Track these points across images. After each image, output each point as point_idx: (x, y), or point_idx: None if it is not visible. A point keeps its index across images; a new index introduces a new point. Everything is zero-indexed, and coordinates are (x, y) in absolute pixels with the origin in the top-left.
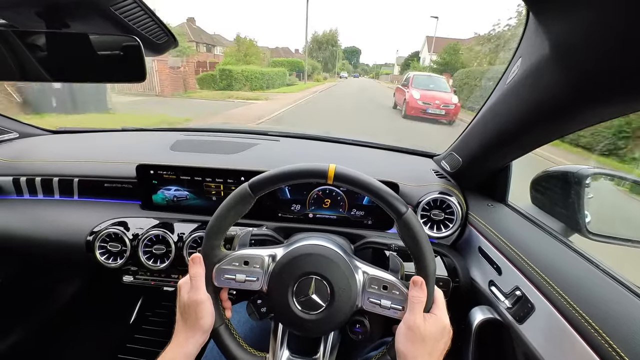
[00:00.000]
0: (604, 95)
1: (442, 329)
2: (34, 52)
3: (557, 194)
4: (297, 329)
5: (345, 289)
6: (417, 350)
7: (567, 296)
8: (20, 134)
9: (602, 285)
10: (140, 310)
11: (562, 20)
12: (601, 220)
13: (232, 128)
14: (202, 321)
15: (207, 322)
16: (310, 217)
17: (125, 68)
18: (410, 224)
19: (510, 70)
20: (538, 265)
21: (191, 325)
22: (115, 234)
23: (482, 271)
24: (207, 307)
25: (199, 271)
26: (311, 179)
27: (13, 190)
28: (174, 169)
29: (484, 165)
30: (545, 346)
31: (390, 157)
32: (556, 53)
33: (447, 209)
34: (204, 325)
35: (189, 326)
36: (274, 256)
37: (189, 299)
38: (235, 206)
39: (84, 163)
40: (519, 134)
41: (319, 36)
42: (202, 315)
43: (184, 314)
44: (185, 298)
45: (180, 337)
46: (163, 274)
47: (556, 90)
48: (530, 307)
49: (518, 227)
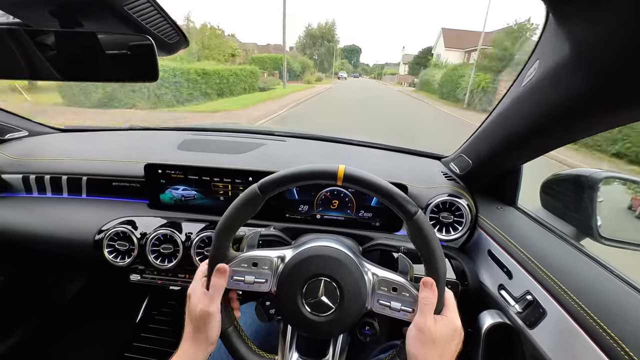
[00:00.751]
0: (625, 97)
1: (454, 331)
2: (46, 51)
3: (569, 198)
4: (307, 331)
5: (354, 291)
6: (428, 353)
7: (580, 301)
8: (30, 132)
9: (616, 290)
10: (146, 309)
11: (584, 20)
12: (613, 225)
13: (238, 128)
14: (212, 332)
15: (215, 333)
16: (317, 218)
17: (137, 67)
18: (421, 225)
19: (526, 72)
20: (550, 270)
21: (200, 333)
22: (124, 233)
23: (491, 275)
24: (217, 318)
25: (222, 283)
26: (321, 180)
27: (22, 188)
28: (182, 169)
29: (494, 167)
30: (557, 352)
31: (398, 159)
32: (577, 54)
33: (456, 212)
34: (212, 336)
35: (197, 333)
36: (283, 257)
37: (202, 310)
38: (245, 207)
39: (92, 162)
40: (532, 137)
41: (313, 30)
42: (212, 327)
43: (193, 319)
44: (198, 308)
45: (188, 342)
46: (170, 273)
47: (575, 92)
48: (542, 312)
49: (528, 231)
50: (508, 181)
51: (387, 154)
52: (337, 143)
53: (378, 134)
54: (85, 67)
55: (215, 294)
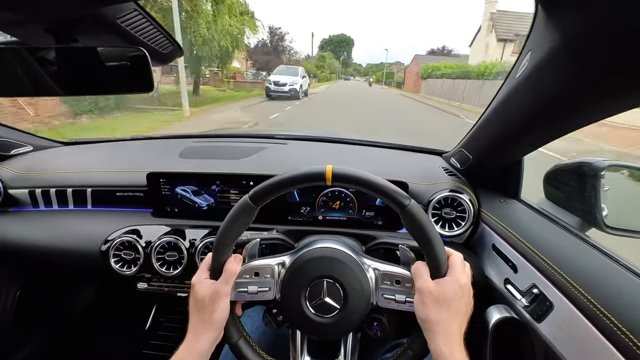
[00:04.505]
0: (616, 87)
1: (460, 289)
2: (45, 68)
3: (572, 188)
4: (315, 333)
5: (357, 289)
6: (434, 313)
7: (586, 293)
8: (34, 147)
9: (623, 281)
10: (154, 317)
11: (572, 12)
12: (619, 213)
13: (239, 133)
14: (217, 314)
15: (221, 316)
16: (320, 219)
17: (133, 79)
18: (415, 215)
19: (520, 64)
20: (555, 262)
21: (206, 320)
22: (129, 242)
23: (496, 269)
24: (225, 302)
25: (237, 268)
26: (311, 183)
27: (29, 202)
28: (184, 176)
29: (495, 161)
30: (565, 344)
31: (398, 156)
32: (567, 46)
33: (459, 207)
34: (217, 319)
35: (202, 321)
36: (283, 263)
37: (213, 289)
38: (239, 219)
39: (96, 173)
40: (530, 129)
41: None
42: (218, 307)
43: (200, 308)
44: (205, 290)
45: (193, 333)
46: (176, 280)
47: (568, 82)
48: (549, 305)
49: (532, 223)
50: (510, 174)
51: (388, 152)
52: (338, 143)
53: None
54: (83, 82)
55: (229, 277)
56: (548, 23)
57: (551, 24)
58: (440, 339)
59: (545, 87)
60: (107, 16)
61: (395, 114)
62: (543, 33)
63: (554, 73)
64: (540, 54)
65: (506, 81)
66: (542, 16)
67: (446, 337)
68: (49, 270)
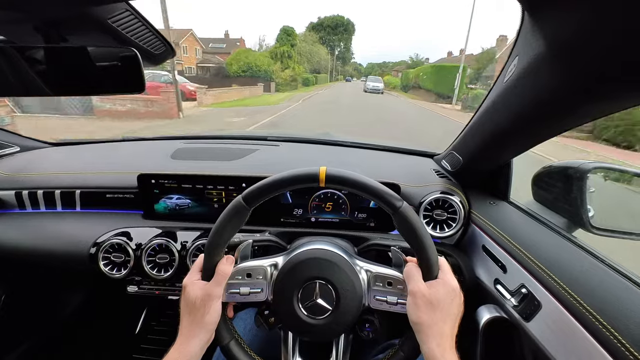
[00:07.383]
0: (603, 90)
1: (451, 291)
2: (33, 67)
3: (559, 190)
4: (307, 335)
5: (350, 290)
6: (427, 316)
7: (573, 292)
8: (21, 148)
9: (608, 280)
10: (145, 320)
11: (557, 18)
12: (604, 214)
13: (231, 134)
14: (208, 316)
15: (212, 318)
16: (312, 221)
17: (124, 79)
18: (406, 217)
19: (508, 68)
20: (543, 262)
21: (197, 322)
22: (119, 245)
23: (487, 270)
24: (217, 304)
25: (229, 269)
26: (304, 184)
27: (15, 204)
28: (175, 178)
29: (485, 163)
30: (553, 343)
31: (390, 158)
32: (552, 51)
33: (450, 209)
34: (209, 321)
35: (194, 323)
36: (276, 265)
37: (204, 291)
38: (232, 220)
39: (85, 174)
40: (519, 131)
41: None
42: (209, 309)
43: (192, 309)
44: (197, 292)
45: (184, 335)
46: (167, 282)
47: (554, 87)
48: (537, 304)
49: (521, 224)
50: (500, 176)
51: (380, 154)
52: (330, 145)
53: None
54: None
55: (221, 279)
56: (534, 28)
57: (537, 29)
58: (433, 342)
59: (532, 91)
60: (98, 16)
61: None
62: (529, 38)
63: (541, 77)
64: (526, 58)
65: (495, 85)
66: (528, 21)
67: (439, 340)
68: (36, 273)
